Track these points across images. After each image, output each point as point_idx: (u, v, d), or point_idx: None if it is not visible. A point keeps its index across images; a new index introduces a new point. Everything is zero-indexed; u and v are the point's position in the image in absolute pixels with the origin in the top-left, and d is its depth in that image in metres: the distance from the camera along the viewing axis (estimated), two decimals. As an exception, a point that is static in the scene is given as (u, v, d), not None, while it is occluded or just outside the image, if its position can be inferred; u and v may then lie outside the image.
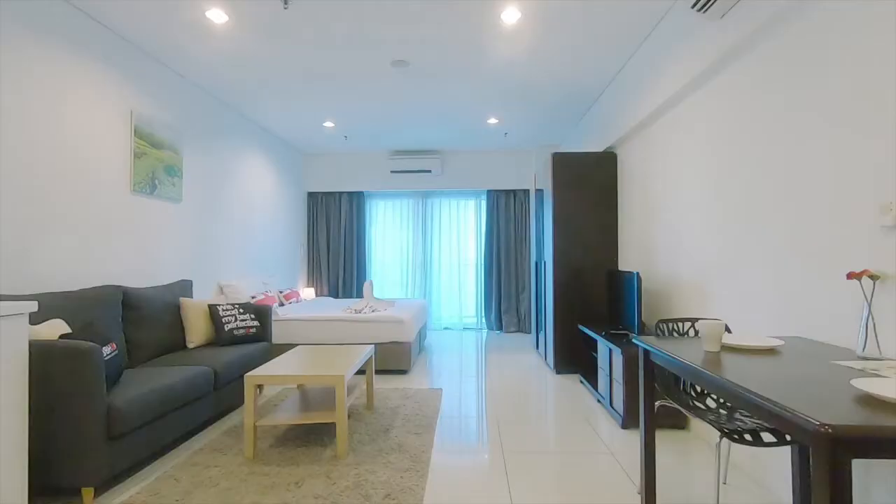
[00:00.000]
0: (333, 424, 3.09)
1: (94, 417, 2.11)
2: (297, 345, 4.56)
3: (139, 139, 3.53)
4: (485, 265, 7.20)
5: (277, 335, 4.57)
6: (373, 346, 3.52)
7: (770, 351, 1.69)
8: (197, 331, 3.54)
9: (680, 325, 2.37)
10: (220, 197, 4.78)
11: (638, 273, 3.24)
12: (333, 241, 7.31)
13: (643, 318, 3.78)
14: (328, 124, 5.65)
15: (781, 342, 1.73)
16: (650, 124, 3.73)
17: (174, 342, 3.44)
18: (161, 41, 3.46)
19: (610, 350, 3.31)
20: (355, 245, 7.28)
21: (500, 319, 7.14)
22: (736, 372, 1.40)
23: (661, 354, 1.78)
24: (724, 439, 2.14)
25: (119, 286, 3.10)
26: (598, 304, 4.46)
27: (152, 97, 3.73)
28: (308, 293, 7.02)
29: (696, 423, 2.99)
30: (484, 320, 7.30)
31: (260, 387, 3.86)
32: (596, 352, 4.09)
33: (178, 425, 2.65)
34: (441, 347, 5.91)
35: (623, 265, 4.37)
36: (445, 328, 7.35)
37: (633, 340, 2.03)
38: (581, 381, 4.17)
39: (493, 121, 5.56)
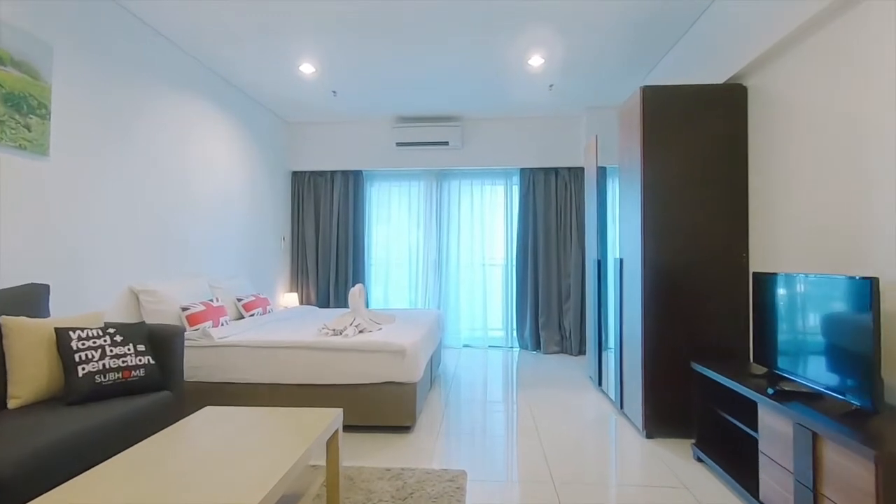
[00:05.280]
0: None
1: None
2: (226, 387, 2.96)
3: (-70, 33, 1.99)
4: (517, 265, 5.53)
5: (212, 370, 2.98)
6: (339, 411, 1.91)
7: None
8: (29, 375, 1.98)
9: None
10: (144, 162, 3.23)
11: (876, 280, 1.58)
12: (324, 233, 5.72)
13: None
14: (307, 69, 4.06)
15: None
16: (834, 20, 2.06)
17: (-21, 399, 1.88)
18: None
19: (813, 436, 1.64)
20: (351, 238, 5.67)
21: (536, 336, 5.47)
22: None
23: None
24: None
25: None
26: (725, 329, 2.77)
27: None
28: (290, 300, 5.46)
29: None
30: (515, 336, 5.63)
31: None
32: (740, 416, 2.40)
33: None
34: (460, 377, 4.28)
35: (764, 264, 2.69)
36: (465, 346, 5.70)
37: None
38: (700, 459, 2.50)
39: (535, 61, 3.91)
